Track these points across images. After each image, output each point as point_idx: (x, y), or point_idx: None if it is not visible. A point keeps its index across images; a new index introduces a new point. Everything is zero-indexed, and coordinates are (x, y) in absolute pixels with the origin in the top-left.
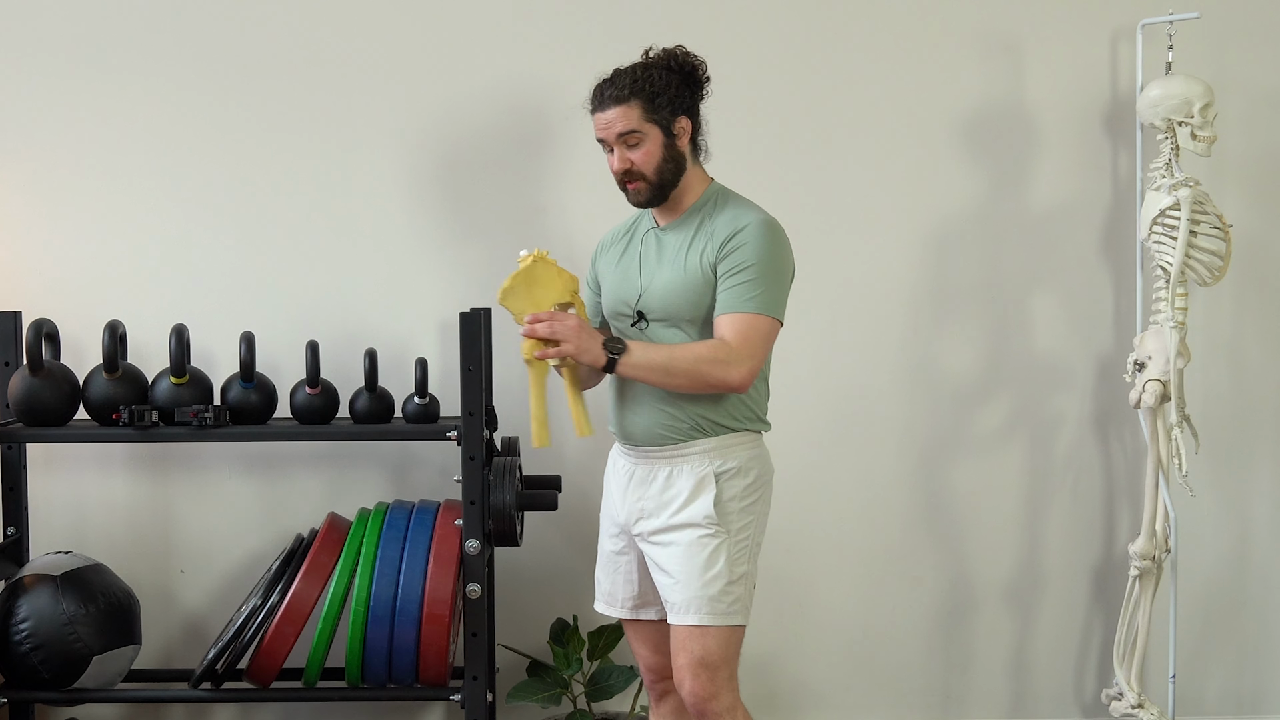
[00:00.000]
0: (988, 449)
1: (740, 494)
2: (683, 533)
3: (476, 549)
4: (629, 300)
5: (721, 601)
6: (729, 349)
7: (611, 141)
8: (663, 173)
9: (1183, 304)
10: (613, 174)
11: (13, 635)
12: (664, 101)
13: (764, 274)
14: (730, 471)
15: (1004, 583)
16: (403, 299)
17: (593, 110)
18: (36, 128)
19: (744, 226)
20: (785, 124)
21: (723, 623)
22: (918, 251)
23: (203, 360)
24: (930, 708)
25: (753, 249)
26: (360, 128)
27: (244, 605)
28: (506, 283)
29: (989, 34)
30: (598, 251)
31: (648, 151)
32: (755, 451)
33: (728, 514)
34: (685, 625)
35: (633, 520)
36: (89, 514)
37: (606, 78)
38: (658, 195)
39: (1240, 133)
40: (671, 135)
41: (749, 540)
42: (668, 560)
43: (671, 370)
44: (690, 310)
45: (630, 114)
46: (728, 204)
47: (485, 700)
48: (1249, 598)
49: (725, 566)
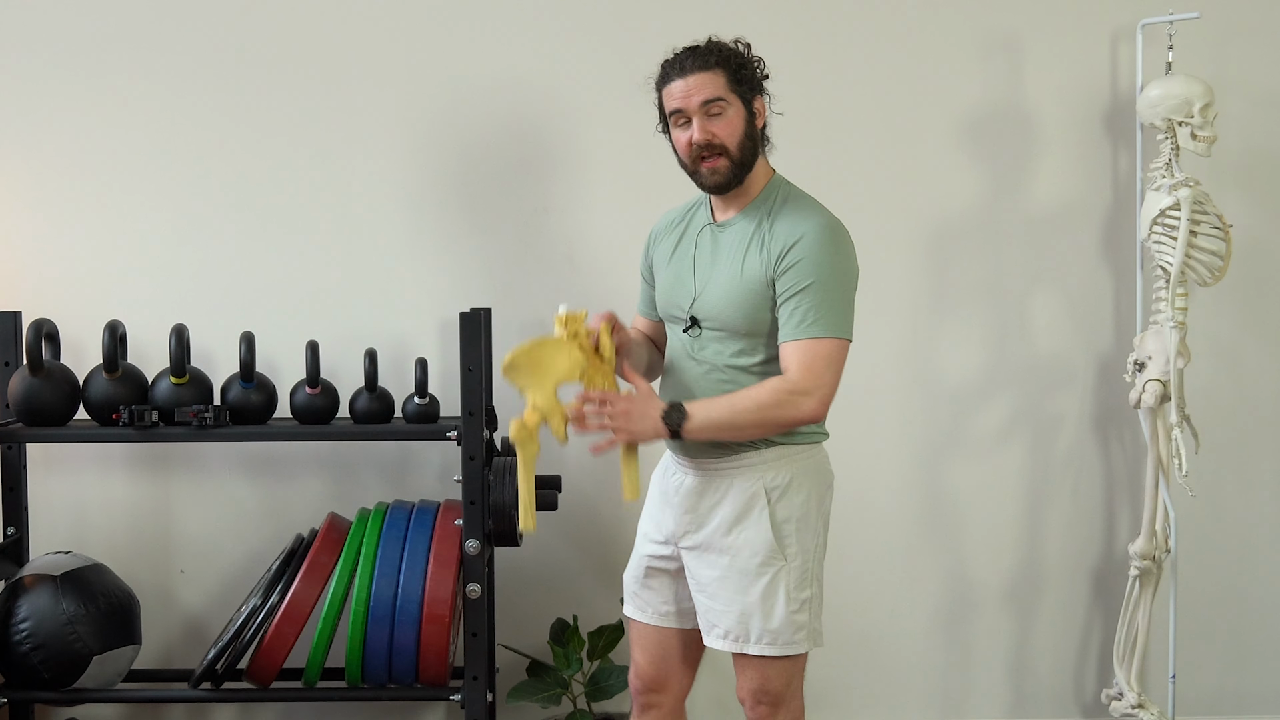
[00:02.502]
0: (988, 449)
1: (795, 514)
2: (732, 556)
3: (476, 549)
4: (682, 304)
5: (784, 632)
6: (792, 384)
7: (692, 111)
8: (744, 149)
9: (1183, 304)
10: (682, 153)
11: (13, 635)
12: (747, 75)
13: (826, 291)
14: (780, 488)
15: (1004, 583)
16: (403, 299)
17: (666, 81)
18: (36, 128)
19: (801, 237)
20: (785, 124)
21: (786, 653)
22: (918, 251)
23: (203, 360)
24: (930, 708)
25: (812, 264)
26: (361, 127)
27: (244, 605)
28: (509, 358)
29: (989, 34)
30: (651, 240)
31: (730, 122)
32: (811, 463)
33: (784, 537)
34: (745, 655)
35: (681, 533)
36: (89, 514)
37: (684, 48)
38: (736, 176)
39: (1240, 133)
40: (752, 113)
41: (811, 564)
42: (718, 584)
43: (738, 425)
44: (746, 324)
45: (716, 80)
46: (788, 204)
47: (485, 700)
48: (1249, 598)
49: (785, 595)
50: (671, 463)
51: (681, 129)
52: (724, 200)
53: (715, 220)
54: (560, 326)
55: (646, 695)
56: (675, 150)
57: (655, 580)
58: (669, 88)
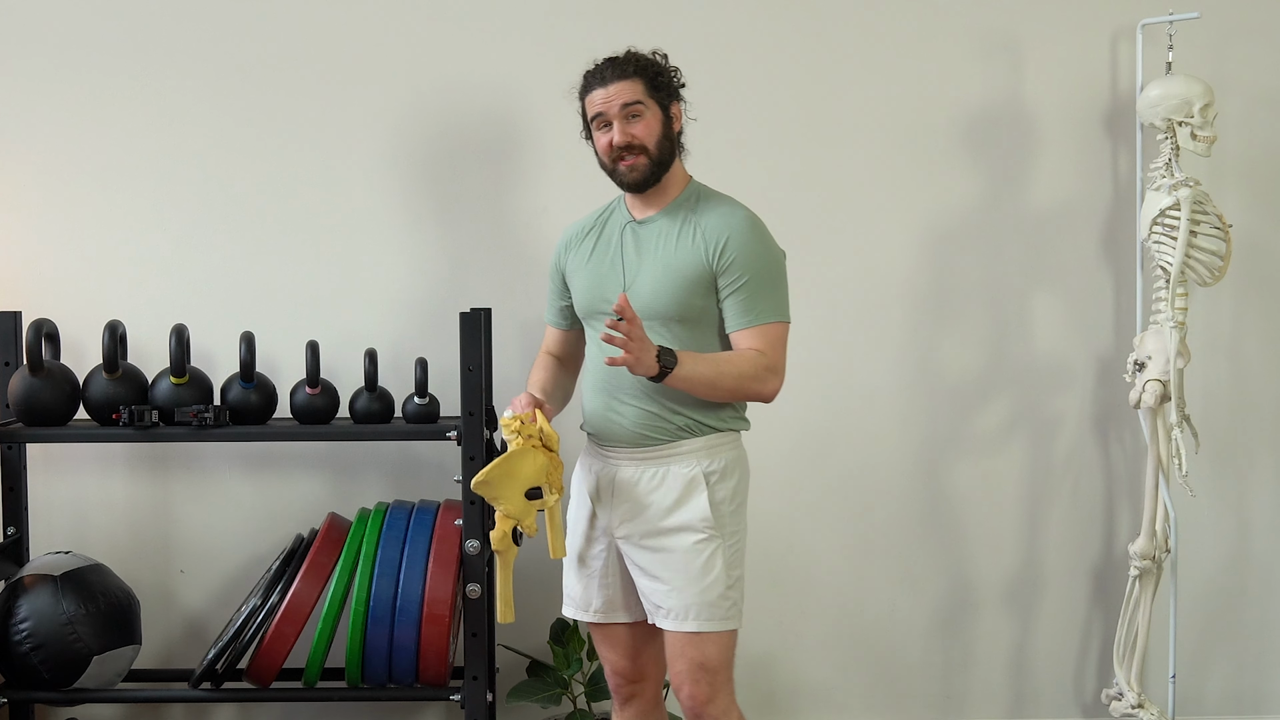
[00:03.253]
0: (988, 449)
1: (730, 496)
2: (677, 537)
3: (476, 549)
4: (610, 297)
5: (720, 606)
6: (768, 361)
7: (613, 115)
8: (662, 149)
9: (1183, 304)
10: (603, 155)
11: (13, 635)
12: (664, 83)
13: (770, 277)
14: (718, 473)
15: (1004, 583)
16: (403, 299)
17: (588, 90)
18: (36, 128)
19: (737, 230)
20: (785, 124)
21: (722, 627)
22: (918, 251)
23: (203, 360)
24: (930, 708)
25: (754, 255)
26: (361, 128)
27: (244, 605)
28: (481, 477)
29: (989, 34)
30: (561, 249)
31: (648, 124)
32: (738, 452)
33: (721, 516)
34: (684, 632)
35: (616, 523)
36: (89, 514)
37: (604, 59)
38: (654, 174)
39: (1240, 133)
40: (669, 117)
41: (740, 542)
42: (659, 566)
43: (717, 385)
44: (679, 309)
45: (634, 87)
46: (711, 201)
47: (485, 700)
48: (1249, 598)
49: (723, 570)
50: (595, 458)
51: (603, 132)
52: (642, 200)
53: (635, 219)
54: (512, 433)
55: (629, 688)
56: (596, 153)
57: (593, 577)
58: (591, 95)
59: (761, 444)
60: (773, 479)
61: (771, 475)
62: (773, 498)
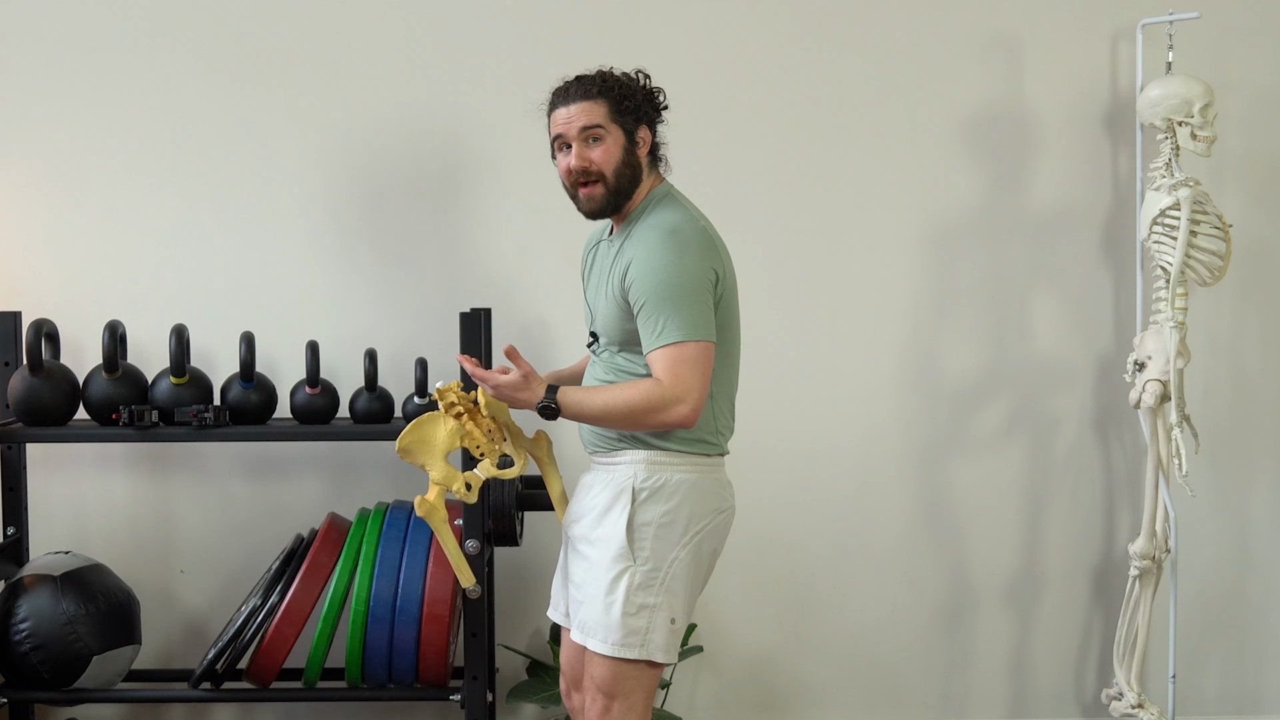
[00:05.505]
0: (988, 449)
1: (658, 519)
2: (594, 547)
3: (476, 549)
4: (587, 321)
5: (615, 631)
6: (662, 390)
7: (571, 137)
8: (620, 177)
9: (1183, 304)
10: (563, 178)
11: (13, 635)
12: (630, 107)
13: (669, 297)
14: (649, 491)
15: (1004, 583)
16: (403, 299)
17: (553, 108)
18: (36, 128)
19: (638, 252)
20: (785, 124)
21: (614, 654)
22: (918, 251)
23: (203, 360)
24: (930, 708)
25: (652, 273)
26: (360, 127)
27: (244, 605)
28: (398, 444)
29: (989, 34)
30: (581, 260)
31: (608, 150)
32: (691, 478)
33: (639, 539)
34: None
35: (569, 524)
36: (89, 514)
37: (571, 78)
38: (611, 203)
39: (1240, 133)
40: (633, 142)
41: (662, 573)
42: (577, 572)
43: (607, 418)
44: (618, 335)
45: (596, 110)
46: (643, 218)
47: (485, 700)
48: (1249, 598)
49: (624, 596)
50: None
51: (563, 154)
52: (616, 220)
53: (609, 237)
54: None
55: (569, 699)
56: (560, 175)
57: (560, 575)
58: (554, 114)
59: (762, 444)
60: (773, 479)
61: (772, 476)
62: (773, 498)
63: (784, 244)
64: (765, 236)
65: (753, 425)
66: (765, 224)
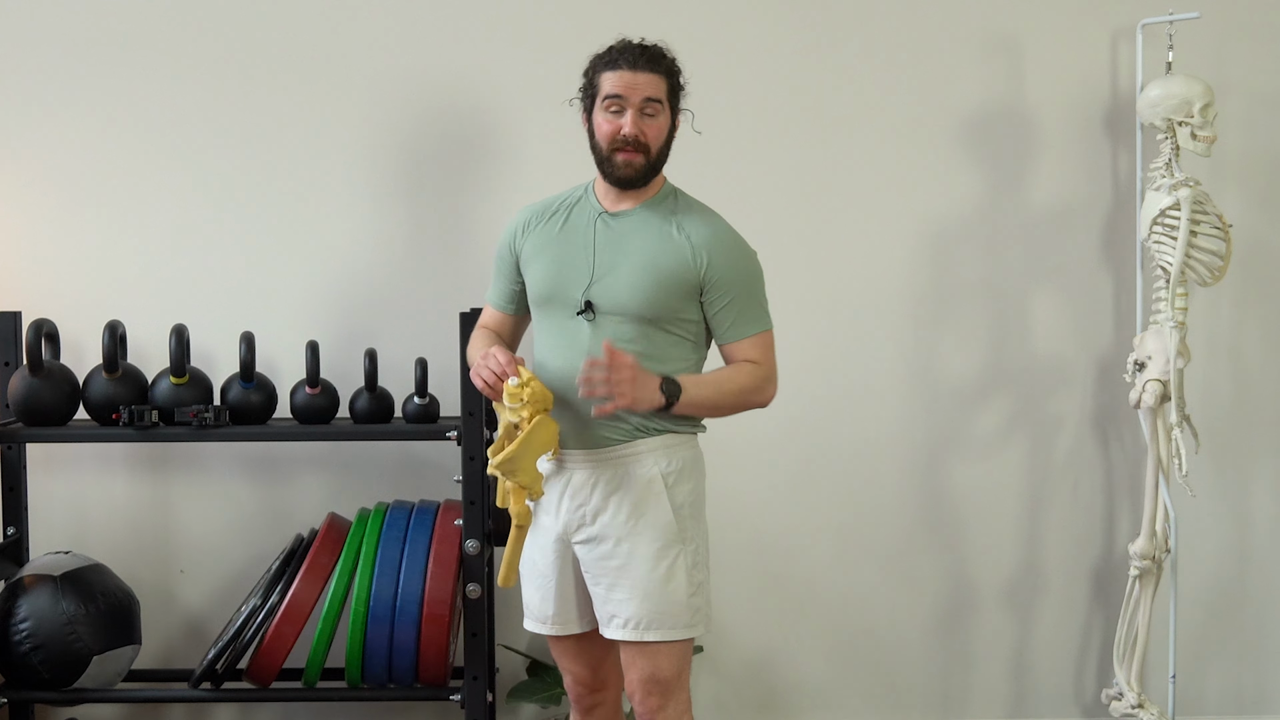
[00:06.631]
0: (988, 449)
1: (689, 498)
2: (637, 543)
3: (476, 549)
4: (574, 289)
5: (681, 615)
6: (764, 373)
7: (632, 104)
8: (660, 156)
9: (1183, 304)
10: (602, 138)
11: (13, 635)
12: (678, 90)
13: (755, 289)
14: (675, 474)
15: (1004, 583)
16: (403, 299)
17: (613, 67)
18: (37, 128)
19: (724, 243)
20: (785, 124)
21: (681, 636)
22: (918, 251)
23: (203, 360)
24: (930, 708)
25: (740, 269)
26: (360, 127)
27: (244, 605)
28: (505, 461)
29: (989, 34)
30: (517, 231)
31: (659, 127)
32: (694, 453)
33: (683, 520)
34: (640, 642)
35: (573, 529)
36: (89, 514)
37: (639, 42)
38: (644, 176)
39: (1240, 133)
40: (673, 125)
41: (702, 546)
42: (617, 573)
43: (720, 405)
44: (654, 309)
45: (661, 85)
46: (692, 206)
47: (485, 700)
48: (1249, 598)
49: (685, 578)
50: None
51: (613, 115)
52: (618, 193)
53: (608, 210)
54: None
55: (591, 697)
56: (593, 132)
57: (550, 588)
58: (615, 73)
59: (762, 444)
60: (773, 479)
61: (772, 475)
62: (773, 498)
63: (784, 244)
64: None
65: (753, 425)
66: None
